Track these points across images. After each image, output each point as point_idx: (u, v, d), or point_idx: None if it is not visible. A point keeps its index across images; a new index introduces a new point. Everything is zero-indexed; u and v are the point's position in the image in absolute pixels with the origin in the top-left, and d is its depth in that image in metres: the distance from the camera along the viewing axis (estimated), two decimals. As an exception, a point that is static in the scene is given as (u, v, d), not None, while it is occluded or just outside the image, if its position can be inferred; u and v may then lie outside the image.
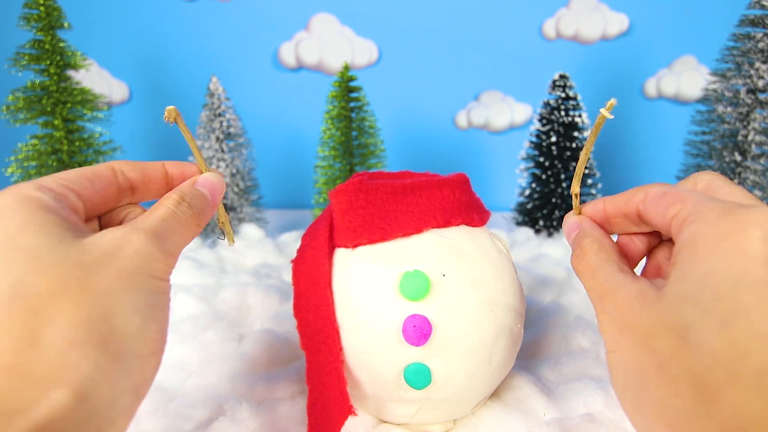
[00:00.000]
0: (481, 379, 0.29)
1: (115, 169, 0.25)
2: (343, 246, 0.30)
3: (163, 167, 0.27)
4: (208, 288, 0.49)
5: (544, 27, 0.79)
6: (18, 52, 0.57)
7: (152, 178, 0.26)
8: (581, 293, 0.48)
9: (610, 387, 0.34)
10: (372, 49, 0.80)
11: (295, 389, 0.36)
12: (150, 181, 0.26)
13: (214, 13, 0.79)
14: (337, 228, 0.30)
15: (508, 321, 0.30)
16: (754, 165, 0.60)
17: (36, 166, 0.58)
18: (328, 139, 0.63)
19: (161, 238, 0.22)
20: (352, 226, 0.29)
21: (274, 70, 0.81)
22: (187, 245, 0.25)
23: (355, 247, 0.30)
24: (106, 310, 0.19)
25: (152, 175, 0.26)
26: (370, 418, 0.32)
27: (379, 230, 0.29)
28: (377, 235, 0.29)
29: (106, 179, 0.25)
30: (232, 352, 0.39)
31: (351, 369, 0.29)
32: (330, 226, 0.31)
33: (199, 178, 0.27)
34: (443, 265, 0.28)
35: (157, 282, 0.22)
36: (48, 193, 0.21)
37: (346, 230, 0.29)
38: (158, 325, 0.21)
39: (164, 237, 0.23)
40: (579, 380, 0.36)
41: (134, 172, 0.26)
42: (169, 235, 0.23)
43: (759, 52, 0.58)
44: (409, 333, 0.27)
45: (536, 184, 0.66)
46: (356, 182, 0.29)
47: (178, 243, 0.23)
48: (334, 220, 0.30)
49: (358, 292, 0.29)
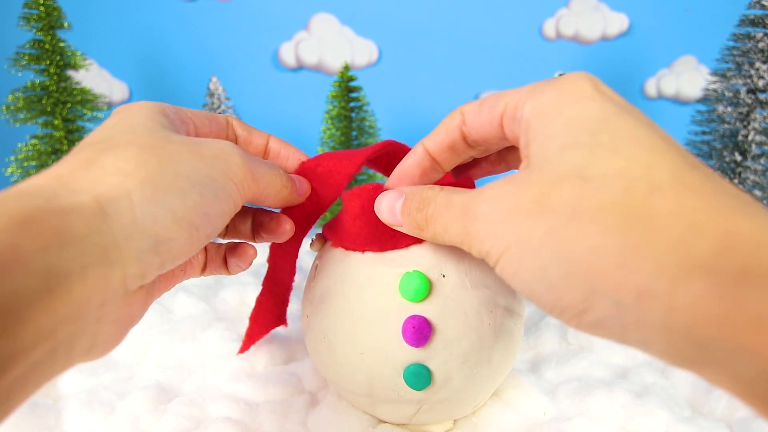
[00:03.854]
0: (481, 379, 0.29)
1: (228, 120, 0.28)
2: (351, 249, 0.30)
3: (268, 139, 0.30)
4: (208, 288, 0.49)
5: (544, 27, 0.79)
6: (18, 52, 0.57)
7: (253, 143, 0.29)
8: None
9: (611, 387, 0.34)
10: (372, 49, 0.80)
11: (295, 389, 0.36)
12: (250, 144, 0.29)
13: (214, 13, 0.79)
14: (347, 231, 0.30)
15: (508, 322, 0.30)
16: (754, 165, 0.60)
17: (36, 166, 0.58)
18: (328, 139, 0.63)
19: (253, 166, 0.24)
20: (363, 233, 0.29)
21: (274, 70, 0.81)
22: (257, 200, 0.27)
23: (363, 252, 0.29)
24: (163, 163, 0.20)
25: (255, 140, 0.29)
26: (370, 418, 0.32)
27: (390, 239, 0.28)
28: (388, 245, 0.29)
29: (220, 125, 0.28)
30: (232, 352, 0.39)
31: (350, 369, 0.29)
32: None
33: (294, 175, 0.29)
34: (443, 266, 0.28)
35: (222, 176, 0.22)
36: (176, 114, 0.24)
37: (356, 235, 0.29)
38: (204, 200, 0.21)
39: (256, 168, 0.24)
40: (579, 380, 0.36)
41: (242, 129, 0.29)
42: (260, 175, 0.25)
43: (759, 52, 0.58)
44: (408, 334, 0.27)
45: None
46: (371, 188, 0.29)
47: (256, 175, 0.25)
48: (344, 222, 0.30)
49: (358, 293, 0.29)
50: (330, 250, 0.31)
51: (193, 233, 0.21)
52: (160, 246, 0.20)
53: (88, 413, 0.33)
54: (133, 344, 0.40)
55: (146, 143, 0.21)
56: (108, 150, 0.20)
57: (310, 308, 0.31)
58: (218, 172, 0.22)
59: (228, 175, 0.23)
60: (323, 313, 0.30)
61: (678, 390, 0.36)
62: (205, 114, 0.27)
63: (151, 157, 0.20)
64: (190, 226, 0.20)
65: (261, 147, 0.29)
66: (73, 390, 0.35)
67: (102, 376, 0.37)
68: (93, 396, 0.34)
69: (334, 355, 0.30)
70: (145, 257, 0.19)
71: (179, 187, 0.20)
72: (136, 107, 0.23)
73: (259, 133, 0.29)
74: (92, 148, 0.20)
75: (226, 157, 0.23)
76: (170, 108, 0.24)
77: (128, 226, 0.18)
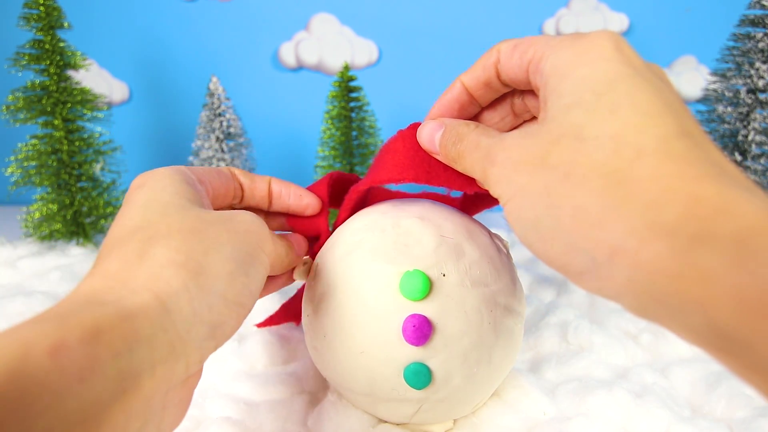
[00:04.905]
0: (481, 379, 0.29)
1: (232, 172, 0.30)
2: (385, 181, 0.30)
3: (269, 182, 0.32)
4: (208, 288, 0.49)
5: (544, 27, 0.79)
6: (18, 52, 0.57)
7: (258, 188, 0.31)
8: (581, 293, 0.48)
9: (611, 387, 0.34)
10: (372, 49, 0.80)
11: (295, 389, 0.36)
12: (255, 189, 0.31)
13: (214, 13, 0.79)
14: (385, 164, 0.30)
15: (508, 321, 0.30)
16: (754, 165, 0.60)
17: (36, 166, 0.58)
18: (328, 139, 0.63)
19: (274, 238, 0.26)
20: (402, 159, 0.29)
21: (274, 70, 0.81)
22: None
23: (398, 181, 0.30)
24: (207, 249, 0.21)
25: (259, 185, 0.31)
26: (370, 417, 0.32)
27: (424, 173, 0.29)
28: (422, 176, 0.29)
29: (227, 177, 0.29)
30: (232, 352, 0.39)
31: (350, 369, 0.29)
32: None
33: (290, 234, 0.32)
34: (443, 265, 0.28)
35: (258, 251, 0.24)
36: (195, 176, 0.25)
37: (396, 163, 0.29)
38: (248, 279, 0.23)
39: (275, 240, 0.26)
40: (579, 380, 0.36)
41: (245, 177, 0.31)
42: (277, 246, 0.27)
43: (759, 52, 0.58)
44: (409, 333, 0.27)
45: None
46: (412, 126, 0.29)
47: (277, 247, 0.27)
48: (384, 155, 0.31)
49: (358, 292, 0.29)
50: (330, 249, 0.31)
51: (241, 312, 0.22)
52: (216, 331, 0.21)
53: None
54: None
55: (186, 227, 0.21)
56: (154, 240, 0.21)
57: (311, 307, 0.31)
58: (253, 247, 0.24)
59: (261, 247, 0.24)
60: (323, 312, 0.30)
61: (678, 390, 0.36)
62: (213, 170, 0.28)
63: (196, 243, 0.21)
64: (239, 307, 0.22)
65: (265, 191, 0.31)
66: (73, 390, 0.35)
67: (102, 376, 0.37)
68: (93, 396, 0.34)
69: (334, 355, 0.30)
70: (204, 344, 0.21)
71: (227, 272, 0.21)
72: (159, 178, 0.24)
73: (261, 178, 0.31)
74: (136, 238, 0.21)
75: (257, 230, 0.24)
76: (188, 172, 0.25)
77: (188, 319, 0.20)
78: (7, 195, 0.58)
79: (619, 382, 0.35)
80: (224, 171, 0.29)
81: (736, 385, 0.34)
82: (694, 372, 0.36)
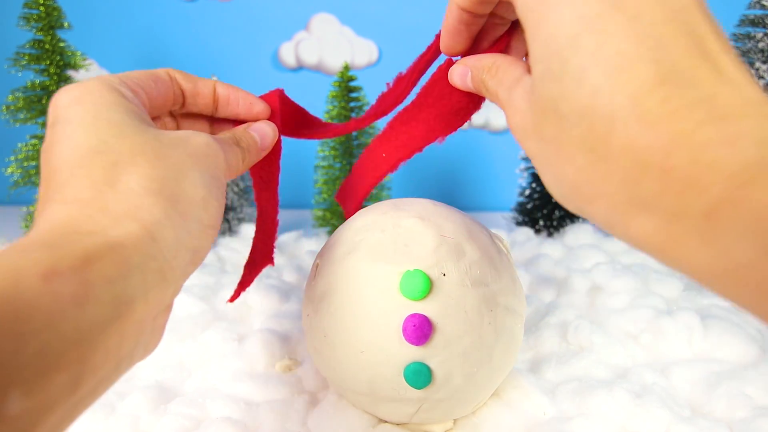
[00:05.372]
0: (481, 379, 0.29)
1: (170, 75, 0.27)
2: None
3: (214, 85, 0.29)
4: (208, 288, 0.49)
5: (544, 27, 0.79)
6: (18, 52, 0.57)
7: (201, 93, 0.29)
8: (581, 293, 0.48)
9: (611, 387, 0.34)
10: (372, 49, 0.80)
11: (295, 389, 0.36)
12: (198, 95, 0.29)
13: (214, 13, 0.79)
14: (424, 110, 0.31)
15: (508, 321, 0.30)
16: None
17: (36, 166, 0.58)
18: (327, 138, 0.63)
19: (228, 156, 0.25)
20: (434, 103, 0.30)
21: (274, 70, 0.81)
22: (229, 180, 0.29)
23: None
24: (177, 176, 0.21)
25: (202, 90, 0.29)
26: (370, 417, 0.32)
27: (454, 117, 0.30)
28: None
29: (165, 83, 0.27)
30: (232, 352, 0.39)
31: (350, 368, 0.29)
32: None
33: (253, 124, 0.29)
34: (444, 265, 0.28)
35: (218, 173, 0.24)
36: (128, 88, 0.24)
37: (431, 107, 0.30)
38: (218, 203, 0.23)
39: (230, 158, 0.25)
40: (579, 380, 0.36)
41: (186, 82, 0.28)
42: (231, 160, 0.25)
43: (759, 52, 0.58)
44: (409, 332, 0.27)
45: (536, 184, 0.66)
46: None
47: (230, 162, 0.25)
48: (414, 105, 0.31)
49: (359, 292, 0.29)
50: (331, 249, 0.31)
51: (214, 234, 0.23)
52: (196, 255, 0.22)
53: (88, 413, 0.33)
54: (133, 344, 0.40)
55: (149, 151, 0.21)
56: (119, 166, 0.20)
57: (311, 307, 0.31)
58: (215, 171, 0.23)
59: (220, 170, 0.24)
60: (324, 312, 0.30)
61: (678, 390, 0.36)
62: (149, 77, 0.26)
63: (164, 170, 0.21)
64: (212, 230, 0.23)
65: (209, 97, 0.29)
66: (73, 390, 0.35)
67: (102, 376, 0.37)
68: (93, 396, 0.34)
69: (334, 354, 0.30)
70: (187, 269, 0.21)
71: (201, 198, 0.22)
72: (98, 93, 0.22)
73: (204, 82, 0.29)
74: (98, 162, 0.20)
75: (214, 154, 0.24)
76: (122, 84, 0.23)
77: (173, 246, 0.20)
78: (7, 195, 0.58)
79: (619, 382, 0.35)
80: (162, 76, 0.27)
81: (736, 385, 0.34)
82: (694, 372, 0.36)
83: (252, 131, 0.29)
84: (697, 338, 0.40)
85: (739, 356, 0.38)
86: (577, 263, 0.54)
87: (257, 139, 0.29)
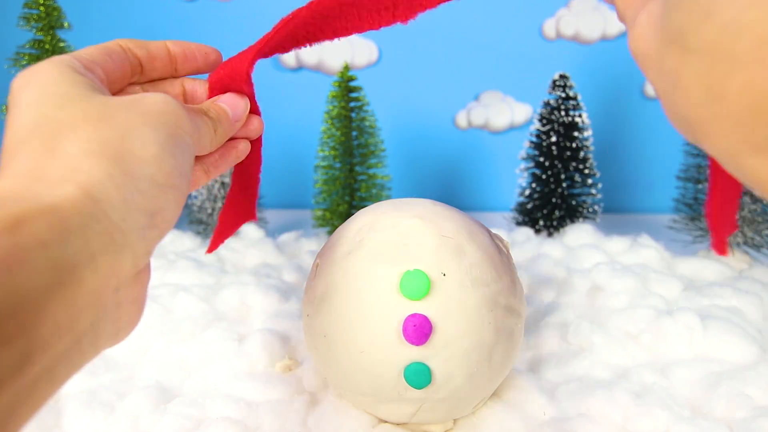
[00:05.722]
0: (481, 378, 0.29)
1: (122, 45, 0.27)
2: None
3: (165, 45, 0.28)
4: (208, 288, 0.49)
5: (544, 27, 0.79)
6: (18, 52, 0.57)
7: (156, 56, 0.28)
8: (581, 293, 0.48)
9: (611, 387, 0.34)
10: (372, 49, 0.80)
11: (295, 389, 0.36)
12: (155, 58, 0.28)
13: (214, 13, 0.79)
14: None
15: (508, 321, 0.30)
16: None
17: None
18: (328, 139, 0.63)
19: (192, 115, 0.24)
20: None
21: (274, 70, 0.81)
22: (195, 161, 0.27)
23: None
24: (123, 135, 0.20)
25: (156, 52, 0.28)
26: (370, 417, 0.32)
27: None
28: None
29: (120, 55, 0.26)
30: (232, 352, 0.39)
31: (351, 368, 0.29)
32: None
33: (220, 96, 0.29)
34: (444, 265, 0.28)
35: (180, 132, 0.22)
36: (82, 64, 0.23)
37: None
38: (177, 161, 0.21)
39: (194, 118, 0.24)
40: (579, 380, 0.36)
41: (139, 49, 0.27)
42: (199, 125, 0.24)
43: None
44: (409, 332, 0.27)
45: (536, 184, 0.66)
46: None
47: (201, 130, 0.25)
48: None
49: (359, 292, 0.29)
50: (331, 249, 0.31)
51: (178, 195, 0.21)
52: (155, 218, 0.20)
53: (88, 413, 0.33)
54: (133, 344, 0.40)
55: (93, 116, 0.20)
56: (59, 133, 0.19)
57: (311, 308, 0.31)
58: (172, 128, 0.22)
59: (182, 128, 0.23)
60: (324, 312, 0.30)
61: (678, 390, 0.36)
62: (102, 51, 0.25)
63: (108, 131, 0.20)
64: (173, 189, 0.21)
65: (165, 59, 0.28)
66: (73, 390, 0.35)
67: (102, 376, 0.37)
68: (93, 396, 0.34)
69: (334, 354, 0.30)
70: (147, 234, 0.20)
71: (152, 155, 0.20)
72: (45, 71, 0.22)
73: (156, 44, 0.28)
74: (37, 134, 0.19)
75: (171, 110, 0.22)
76: (75, 61, 0.23)
77: (120, 207, 0.19)
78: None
79: (619, 382, 0.35)
80: (115, 49, 0.26)
81: (736, 386, 0.34)
82: (694, 372, 0.36)
83: (219, 102, 0.28)
84: (697, 338, 0.40)
85: (738, 356, 0.38)
86: (577, 263, 0.54)
87: (226, 108, 0.28)
